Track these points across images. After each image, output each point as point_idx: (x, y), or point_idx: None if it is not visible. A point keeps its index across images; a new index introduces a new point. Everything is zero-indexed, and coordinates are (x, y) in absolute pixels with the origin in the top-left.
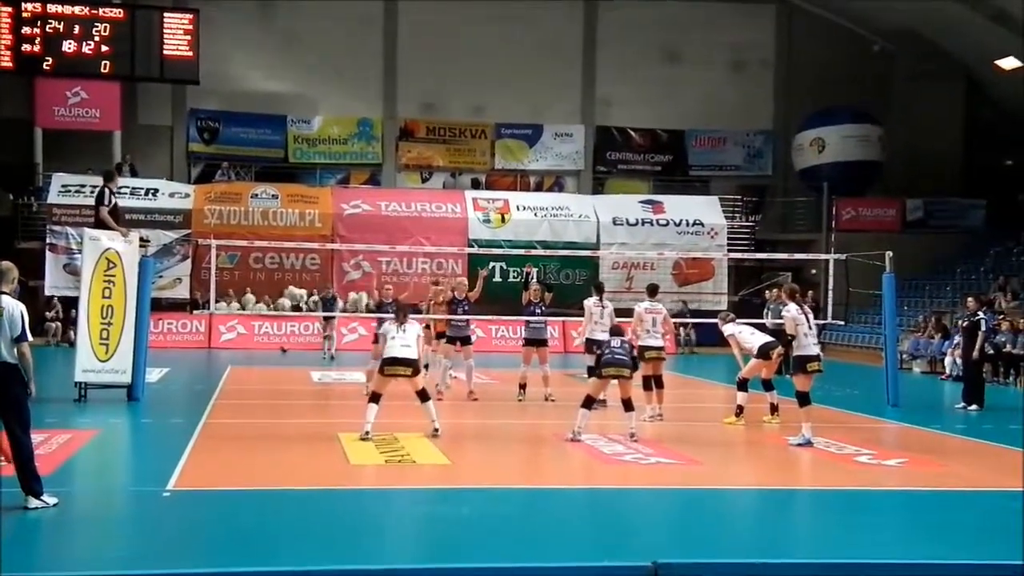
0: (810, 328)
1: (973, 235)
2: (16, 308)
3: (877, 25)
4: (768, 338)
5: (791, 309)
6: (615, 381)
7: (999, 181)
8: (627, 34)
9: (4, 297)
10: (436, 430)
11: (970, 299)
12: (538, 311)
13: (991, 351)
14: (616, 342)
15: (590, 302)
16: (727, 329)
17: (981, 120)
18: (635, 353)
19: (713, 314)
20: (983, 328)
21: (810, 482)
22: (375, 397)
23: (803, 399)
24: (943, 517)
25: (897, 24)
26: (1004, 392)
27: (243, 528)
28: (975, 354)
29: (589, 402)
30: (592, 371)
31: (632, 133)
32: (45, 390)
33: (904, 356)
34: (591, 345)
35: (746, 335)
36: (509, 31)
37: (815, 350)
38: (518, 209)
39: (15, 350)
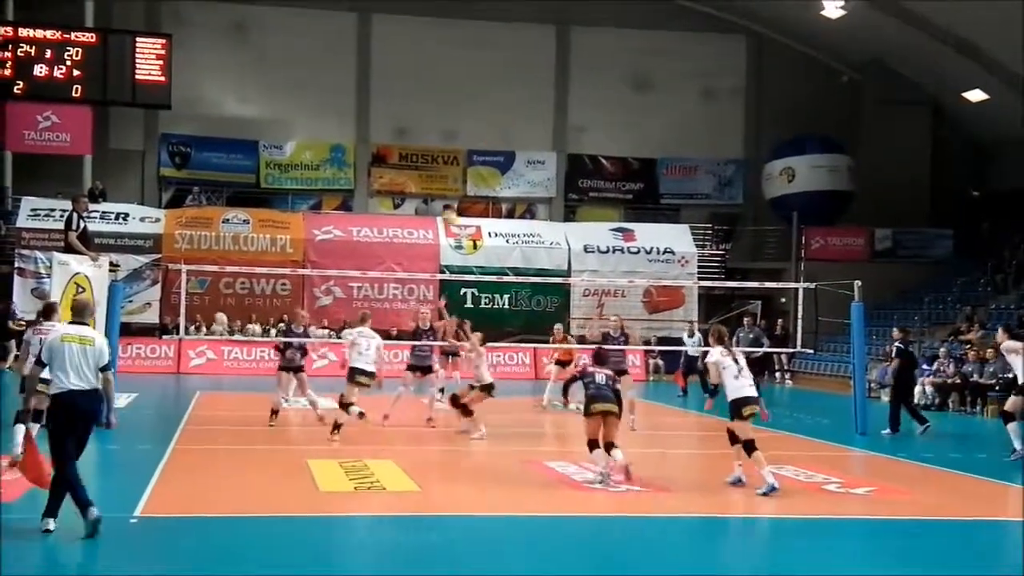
0: (740, 371)
1: (940, 264)
2: (104, 340)
3: (846, 56)
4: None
5: (714, 353)
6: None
7: (965, 211)
8: (599, 62)
9: (89, 328)
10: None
11: (895, 330)
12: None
13: (958, 380)
14: (601, 377)
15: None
16: None
17: (948, 151)
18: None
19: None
20: (894, 354)
21: (779, 510)
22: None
23: (749, 447)
24: (910, 545)
25: (865, 55)
26: (970, 421)
27: (211, 555)
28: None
29: (592, 444)
30: None
31: (603, 161)
32: (12, 415)
33: (872, 384)
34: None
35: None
36: (481, 58)
37: (750, 392)
38: (490, 236)
39: (101, 377)
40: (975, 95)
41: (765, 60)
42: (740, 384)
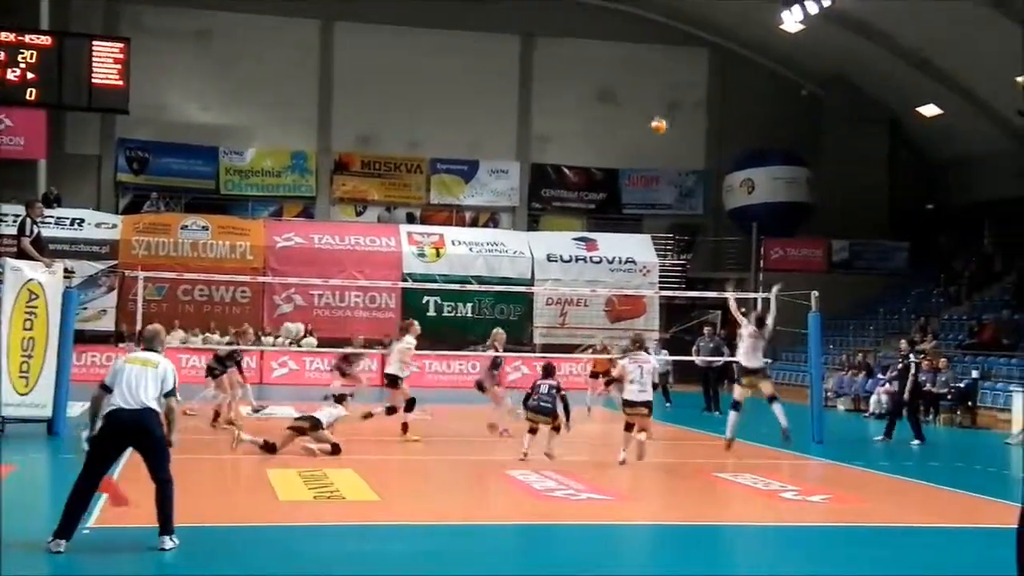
0: (641, 377)
1: (896, 276)
2: (170, 366)
3: (806, 70)
4: None
5: (623, 359)
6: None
7: (921, 224)
8: (563, 72)
9: (156, 354)
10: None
11: (903, 342)
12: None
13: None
14: (545, 387)
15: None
16: None
17: (904, 164)
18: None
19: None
20: (913, 370)
21: (737, 517)
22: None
23: (628, 427)
24: (865, 552)
25: (825, 70)
26: (924, 430)
27: (168, 567)
28: (906, 395)
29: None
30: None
31: (567, 171)
32: None
33: (829, 394)
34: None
35: None
36: (446, 67)
37: (639, 397)
38: (453, 244)
39: (165, 402)
40: (929, 110)
41: (727, 73)
42: (632, 388)
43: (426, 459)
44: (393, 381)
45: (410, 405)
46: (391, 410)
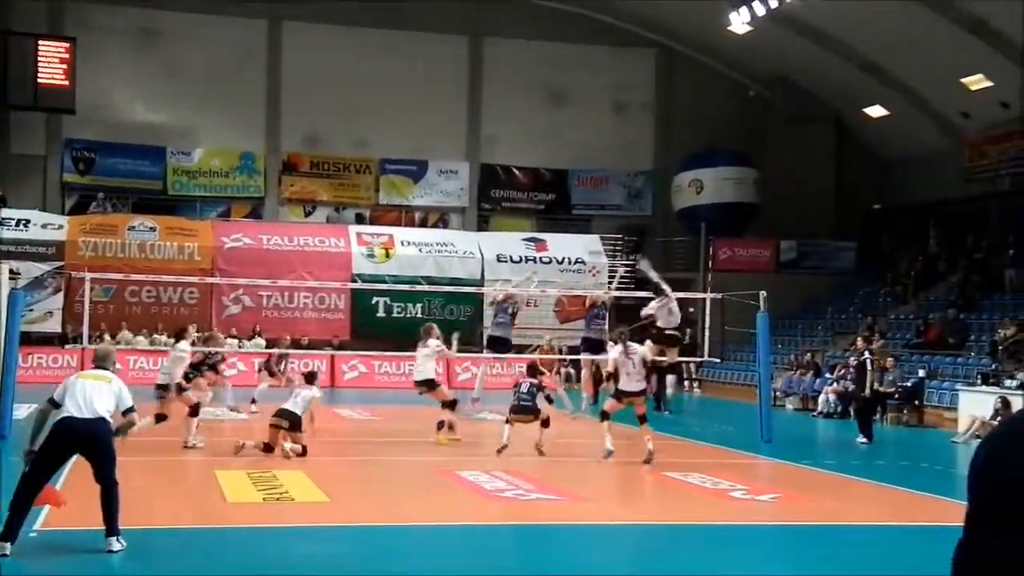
0: (634, 367)
1: (843, 275)
2: (123, 384)
3: (753, 71)
4: None
5: (615, 351)
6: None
7: (867, 223)
8: (512, 73)
9: (108, 372)
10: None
11: (859, 340)
12: None
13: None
14: (525, 386)
15: (617, 352)
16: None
17: (851, 165)
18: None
19: None
20: (870, 367)
21: (687, 517)
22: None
23: (604, 415)
24: (814, 551)
25: (772, 71)
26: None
27: (116, 568)
28: (868, 391)
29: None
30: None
31: (516, 171)
32: None
33: (777, 393)
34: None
35: None
36: (395, 66)
37: (634, 387)
38: (403, 244)
39: (126, 418)
40: (876, 111)
41: (675, 74)
42: (629, 380)
43: (376, 460)
44: (430, 385)
45: (452, 406)
46: (451, 404)
